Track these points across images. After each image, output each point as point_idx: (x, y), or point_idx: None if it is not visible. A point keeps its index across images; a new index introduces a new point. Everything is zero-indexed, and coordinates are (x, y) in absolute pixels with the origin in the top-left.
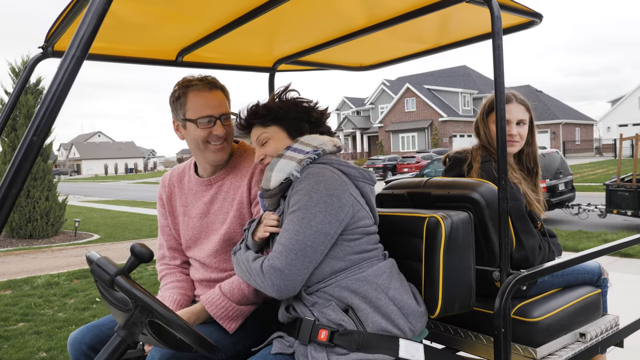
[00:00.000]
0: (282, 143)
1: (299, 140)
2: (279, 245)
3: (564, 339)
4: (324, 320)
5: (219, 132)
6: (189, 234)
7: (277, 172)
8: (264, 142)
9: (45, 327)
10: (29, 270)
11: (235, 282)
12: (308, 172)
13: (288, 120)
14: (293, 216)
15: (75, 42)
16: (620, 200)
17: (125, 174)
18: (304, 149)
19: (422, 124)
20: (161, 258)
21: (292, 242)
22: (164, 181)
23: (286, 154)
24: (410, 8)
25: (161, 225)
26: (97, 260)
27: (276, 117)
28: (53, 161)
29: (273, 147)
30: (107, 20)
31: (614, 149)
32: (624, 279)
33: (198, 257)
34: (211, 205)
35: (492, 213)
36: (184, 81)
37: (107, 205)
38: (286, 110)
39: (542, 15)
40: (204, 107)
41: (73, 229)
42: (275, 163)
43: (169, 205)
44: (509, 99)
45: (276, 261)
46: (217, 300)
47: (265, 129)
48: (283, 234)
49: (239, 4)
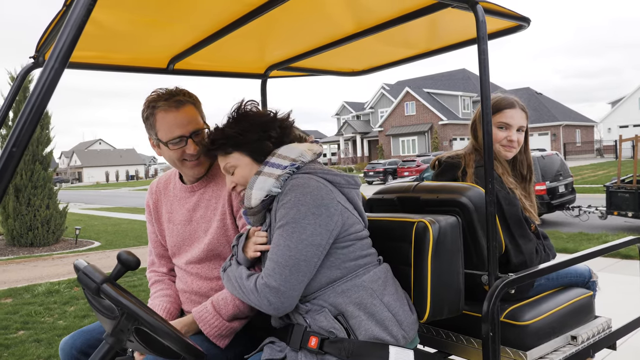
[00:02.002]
0: (249, 169)
1: (276, 154)
2: (271, 262)
3: (555, 342)
4: (315, 327)
5: (191, 150)
6: (173, 241)
7: (256, 190)
8: (231, 171)
9: (46, 335)
10: (29, 278)
11: (229, 298)
12: (293, 184)
13: (248, 144)
14: (282, 231)
15: (55, 54)
16: (620, 201)
17: (127, 181)
18: (281, 163)
19: (422, 127)
20: (151, 264)
21: (284, 258)
22: (152, 188)
23: (264, 170)
24: (398, 14)
25: (149, 233)
26: (83, 268)
27: (235, 144)
28: (54, 169)
29: (240, 175)
30: (97, 30)
31: (614, 150)
32: (623, 280)
33: (181, 265)
34: (194, 213)
35: (481, 217)
36: (151, 99)
37: (108, 213)
38: (243, 134)
39: (530, 19)
40: (173, 127)
41: (74, 236)
42: (254, 181)
43: (155, 212)
44: (511, 105)
45: (270, 279)
46: (211, 320)
47: (227, 157)
48: (274, 250)
49: (229, 10)
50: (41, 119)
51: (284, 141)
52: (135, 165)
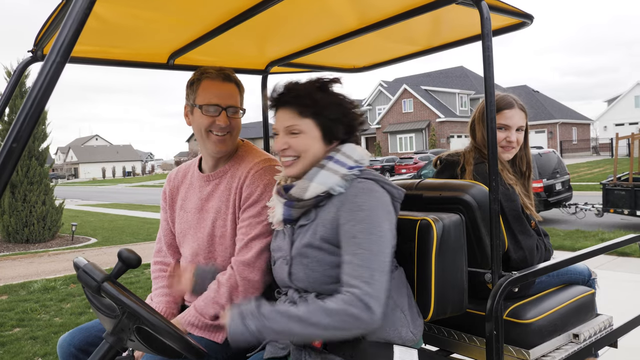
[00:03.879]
0: (312, 142)
1: (340, 151)
2: (363, 269)
3: (558, 340)
4: None
5: (221, 122)
6: (181, 228)
7: (316, 184)
8: (295, 132)
9: (42, 332)
10: (25, 274)
11: (210, 296)
12: (362, 187)
13: (327, 119)
14: (364, 234)
15: (56, 48)
16: (617, 199)
17: (123, 177)
18: (346, 162)
19: (419, 124)
20: (158, 251)
21: (376, 262)
22: (170, 176)
23: (328, 165)
24: (401, 10)
25: (161, 220)
26: (83, 266)
27: (316, 112)
28: (50, 165)
29: (303, 143)
30: (97, 24)
31: (610, 148)
32: (621, 277)
33: (187, 255)
34: (207, 202)
35: (484, 215)
36: (202, 69)
37: (105, 209)
38: (329, 108)
39: (533, 16)
40: (213, 95)
41: (70, 233)
42: (315, 174)
43: (170, 200)
44: (510, 105)
45: (368, 288)
46: (195, 321)
47: (300, 119)
48: (362, 255)
49: (230, 5)
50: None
51: (351, 135)
52: (132, 161)
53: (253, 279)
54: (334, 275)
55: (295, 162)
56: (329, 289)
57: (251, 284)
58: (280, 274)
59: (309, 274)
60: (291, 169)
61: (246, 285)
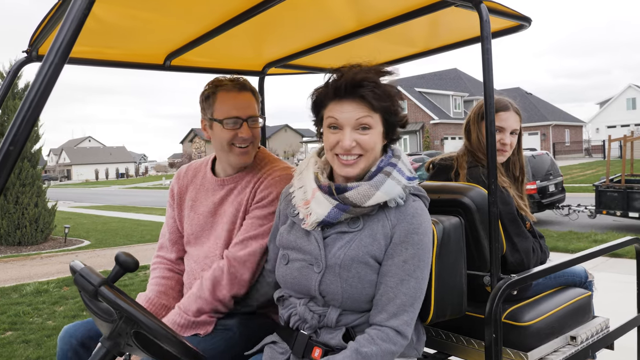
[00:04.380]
0: (377, 139)
1: (400, 158)
2: (407, 298)
3: (555, 342)
4: (322, 340)
5: (244, 134)
6: (191, 229)
7: (382, 193)
8: (366, 128)
9: (34, 336)
10: (17, 277)
11: (193, 292)
12: (416, 206)
13: (393, 118)
14: (415, 261)
15: (54, 49)
16: (609, 200)
17: (117, 179)
18: (404, 172)
19: (413, 126)
20: (160, 248)
21: (420, 291)
22: (179, 174)
23: (393, 173)
24: (400, 12)
25: (167, 216)
26: (80, 270)
27: (388, 109)
28: (42, 167)
29: (371, 140)
30: (94, 24)
31: (602, 150)
32: (614, 279)
33: (195, 255)
34: (220, 207)
35: (483, 217)
36: (215, 81)
37: (98, 211)
38: (397, 106)
39: (531, 19)
40: (231, 107)
41: (63, 235)
42: (382, 181)
43: (178, 198)
44: (505, 107)
45: (407, 317)
46: (179, 320)
47: (372, 112)
48: (409, 284)
49: (227, 7)
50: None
51: (398, 136)
52: (126, 163)
53: (241, 276)
54: (369, 294)
55: (358, 160)
56: (357, 306)
57: (238, 280)
58: (300, 278)
59: (346, 289)
60: (353, 169)
61: (233, 280)
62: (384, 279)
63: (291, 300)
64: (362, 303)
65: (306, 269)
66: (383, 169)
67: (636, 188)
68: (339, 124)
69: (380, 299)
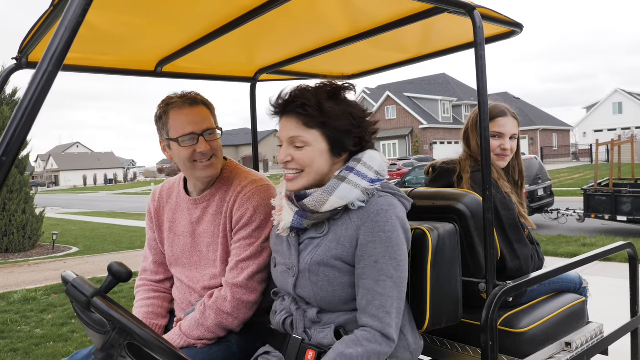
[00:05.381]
0: (319, 155)
1: (360, 161)
2: (385, 298)
3: (550, 349)
4: (315, 341)
5: (202, 149)
6: (172, 251)
7: (336, 198)
8: (300, 146)
9: (22, 344)
10: (5, 285)
11: (196, 318)
12: (382, 203)
13: (335, 131)
14: (386, 259)
15: (48, 56)
16: (598, 204)
17: (105, 185)
18: (367, 174)
19: (402, 131)
20: (142, 271)
21: (397, 290)
22: (154, 195)
23: (349, 177)
24: (393, 18)
25: (148, 239)
26: (72, 280)
27: (325, 123)
28: (30, 173)
29: (308, 156)
30: (85, 31)
31: (590, 154)
32: (605, 282)
33: (182, 277)
34: (198, 226)
35: (478, 224)
36: (166, 99)
37: (86, 217)
38: (339, 119)
39: (523, 26)
40: (185, 124)
41: (51, 242)
42: (335, 186)
43: (156, 220)
44: (503, 113)
45: (389, 319)
46: (180, 342)
47: (306, 130)
48: (384, 283)
49: (219, 14)
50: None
51: (362, 147)
52: (114, 169)
53: (247, 300)
54: (342, 296)
55: (298, 176)
56: (334, 307)
57: (244, 304)
58: (282, 281)
59: (317, 292)
60: (294, 184)
61: (239, 306)
62: (360, 282)
63: (284, 297)
64: (337, 304)
65: (285, 273)
66: (340, 173)
67: (624, 192)
68: (279, 140)
69: (360, 302)
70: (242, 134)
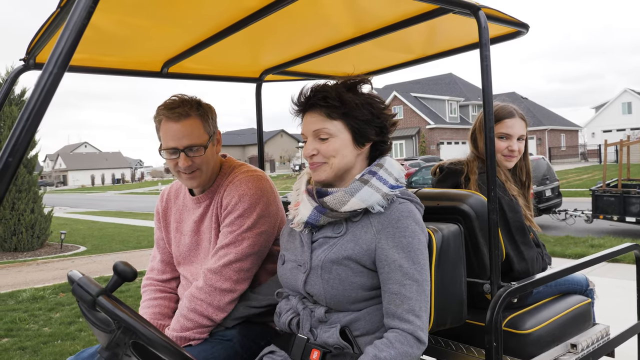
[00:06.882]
0: (344, 146)
1: (382, 167)
2: (413, 302)
3: (555, 350)
4: (320, 341)
5: (181, 165)
6: (179, 250)
7: (357, 200)
8: (325, 137)
9: (30, 343)
10: (13, 284)
11: (178, 312)
12: (402, 209)
13: (357, 121)
14: (410, 264)
15: (54, 58)
16: (606, 205)
17: (113, 185)
18: (387, 180)
19: (409, 131)
20: (150, 270)
21: (423, 293)
22: (162, 195)
23: (371, 181)
24: (398, 19)
25: (156, 238)
26: (78, 280)
27: (346, 113)
28: (38, 172)
29: (333, 148)
30: (91, 32)
31: (598, 154)
32: (612, 284)
33: (187, 275)
34: (200, 224)
35: (482, 225)
36: (160, 108)
37: (94, 217)
38: (359, 108)
39: (529, 26)
40: (169, 138)
41: (59, 241)
42: (357, 189)
43: (164, 220)
44: (511, 114)
45: (419, 321)
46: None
47: (330, 121)
48: (410, 287)
49: (225, 15)
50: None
51: (384, 141)
52: (121, 168)
53: (220, 287)
54: (352, 296)
55: (324, 166)
56: (341, 306)
57: (217, 291)
58: (290, 278)
59: (327, 290)
60: (320, 174)
61: (211, 292)
62: (386, 287)
63: (288, 297)
64: (345, 304)
65: (295, 269)
66: (363, 176)
67: (633, 193)
68: (304, 135)
69: (388, 306)
70: (248, 134)
